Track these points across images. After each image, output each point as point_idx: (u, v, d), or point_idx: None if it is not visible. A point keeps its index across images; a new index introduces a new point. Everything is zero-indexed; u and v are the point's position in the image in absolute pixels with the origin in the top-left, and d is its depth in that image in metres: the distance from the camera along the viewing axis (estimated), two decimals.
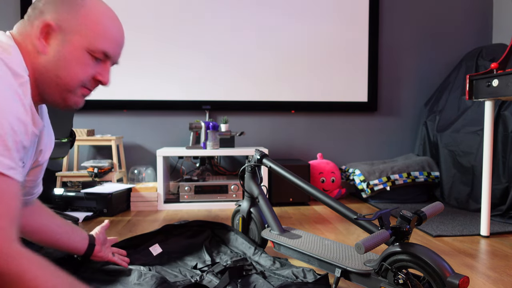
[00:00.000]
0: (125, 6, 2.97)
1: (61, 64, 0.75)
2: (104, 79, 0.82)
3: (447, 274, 0.92)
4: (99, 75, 0.81)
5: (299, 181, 1.41)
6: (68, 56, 0.76)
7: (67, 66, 0.76)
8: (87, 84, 0.81)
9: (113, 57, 0.82)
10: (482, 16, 3.35)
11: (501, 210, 2.28)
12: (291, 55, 3.13)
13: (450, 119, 2.81)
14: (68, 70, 0.76)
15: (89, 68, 0.79)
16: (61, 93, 0.78)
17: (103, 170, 2.71)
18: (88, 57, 0.77)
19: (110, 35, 0.79)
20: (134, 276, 1.26)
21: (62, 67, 0.76)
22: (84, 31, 0.76)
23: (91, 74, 0.80)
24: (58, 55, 0.75)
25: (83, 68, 0.77)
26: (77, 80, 0.78)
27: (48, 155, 0.98)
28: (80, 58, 0.76)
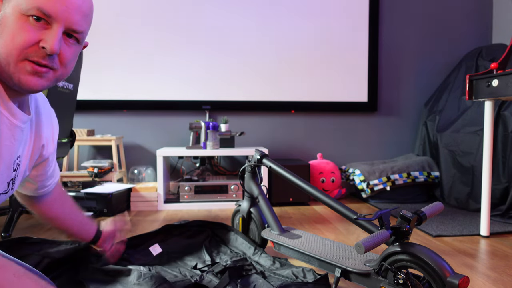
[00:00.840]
0: (125, 6, 2.97)
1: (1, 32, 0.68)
2: (47, 44, 0.68)
3: (447, 274, 0.92)
4: (42, 41, 0.68)
5: (299, 181, 1.41)
6: (5, 22, 0.67)
7: (6, 33, 0.67)
8: (30, 54, 0.69)
9: (57, 17, 0.69)
10: (482, 16, 3.35)
11: (501, 210, 2.28)
12: (291, 55, 3.13)
13: (450, 119, 2.81)
14: (7, 36, 0.67)
15: (26, 33, 0.67)
16: (7, 68, 0.68)
17: (103, 170, 2.71)
18: (24, 20, 0.67)
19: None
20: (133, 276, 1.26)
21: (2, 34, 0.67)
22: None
23: (31, 39, 0.68)
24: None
25: (17, 33, 0.67)
26: (14, 48, 0.67)
27: (52, 148, 0.98)
28: (14, 22, 0.67)
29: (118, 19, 2.96)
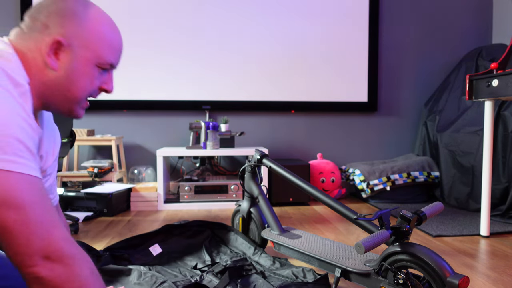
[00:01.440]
0: (125, 7, 2.97)
1: (72, 79, 0.76)
2: (109, 88, 0.83)
3: (447, 274, 0.92)
4: (105, 85, 0.82)
5: (299, 181, 1.41)
6: (79, 71, 0.76)
7: (78, 81, 0.77)
8: (93, 95, 0.82)
9: (116, 65, 0.84)
10: (482, 16, 3.35)
11: (501, 210, 2.28)
12: (291, 55, 3.13)
13: (450, 119, 2.81)
14: (78, 84, 0.77)
15: (96, 80, 0.80)
16: (69, 104, 0.79)
17: (103, 170, 2.71)
18: (96, 70, 0.79)
19: (114, 46, 0.80)
20: (134, 276, 1.26)
21: (73, 81, 0.77)
22: (92, 46, 0.77)
23: (98, 85, 0.81)
24: (69, 70, 0.76)
25: (92, 81, 0.79)
26: (86, 93, 0.79)
27: (51, 160, 0.97)
28: (90, 72, 0.78)
29: (118, 19, 2.96)
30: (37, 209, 0.63)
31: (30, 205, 0.62)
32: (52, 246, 0.63)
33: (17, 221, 0.60)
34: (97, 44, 0.77)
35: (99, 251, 1.45)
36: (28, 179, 0.63)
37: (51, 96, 0.77)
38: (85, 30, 0.76)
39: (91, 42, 0.76)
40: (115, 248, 1.51)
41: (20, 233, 0.60)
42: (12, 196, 0.60)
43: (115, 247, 1.51)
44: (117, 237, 1.91)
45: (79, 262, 0.66)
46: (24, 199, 0.61)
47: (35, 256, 0.61)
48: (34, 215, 0.62)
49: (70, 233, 0.71)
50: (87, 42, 0.76)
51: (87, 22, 0.76)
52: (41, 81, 0.75)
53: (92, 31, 0.76)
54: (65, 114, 0.81)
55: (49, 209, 0.66)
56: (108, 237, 1.91)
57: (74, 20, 0.75)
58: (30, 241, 0.61)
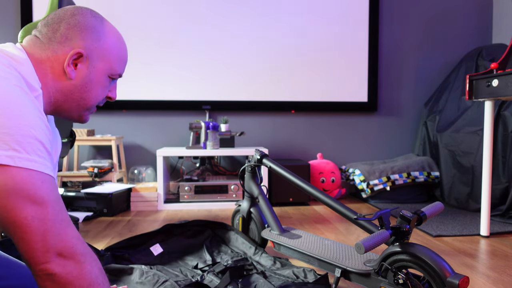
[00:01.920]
0: (125, 6, 2.97)
1: (87, 88, 0.83)
2: (113, 95, 0.91)
3: (447, 274, 0.92)
4: (110, 92, 0.89)
5: (299, 181, 1.41)
6: (94, 81, 0.83)
7: (92, 89, 0.84)
8: (101, 102, 0.89)
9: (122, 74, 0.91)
10: (482, 16, 3.35)
11: (501, 210, 2.28)
12: (291, 55, 3.13)
13: (450, 119, 2.81)
14: (92, 92, 0.84)
15: (107, 89, 0.87)
16: (80, 111, 0.85)
17: (103, 170, 2.71)
18: (107, 80, 0.86)
19: (123, 58, 0.88)
20: (136, 275, 1.26)
21: (88, 90, 0.83)
22: (107, 58, 0.84)
23: (107, 93, 0.88)
24: (85, 80, 0.82)
25: (103, 90, 0.86)
26: (97, 101, 0.86)
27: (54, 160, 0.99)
28: (103, 82, 0.85)
29: (117, 20, 2.96)
30: (55, 207, 0.65)
31: (49, 203, 0.64)
32: (66, 244, 0.65)
33: (36, 217, 0.62)
34: (111, 57, 0.85)
35: (100, 251, 1.45)
36: (48, 178, 0.66)
37: (65, 103, 0.83)
38: (102, 44, 0.83)
39: (106, 55, 0.84)
40: (115, 248, 1.51)
41: (37, 229, 0.62)
42: (34, 193, 0.63)
43: (115, 247, 1.51)
44: (117, 237, 1.91)
45: (90, 260, 0.68)
46: (44, 197, 0.64)
47: (49, 253, 0.63)
48: (52, 213, 0.64)
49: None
50: (103, 55, 0.83)
51: (104, 36, 0.84)
52: (57, 88, 0.80)
53: (107, 45, 0.84)
54: (75, 119, 0.88)
55: (64, 208, 0.69)
56: (108, 237, 1.91)
57: (93, 34, 0.82)
58: (46, 238, 0.63)
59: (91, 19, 0.82)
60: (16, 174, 0.61)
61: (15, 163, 0.61)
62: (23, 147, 0.62)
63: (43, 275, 0.63)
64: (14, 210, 0.61)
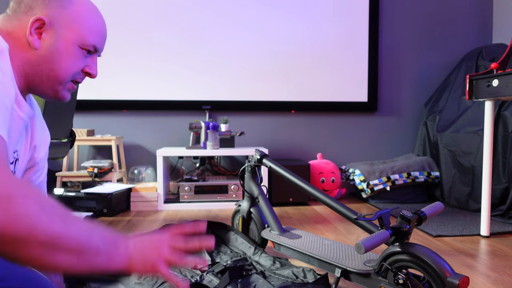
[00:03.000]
0: (125, 6, 2.97)
1: (55, 58, 0.78)
2: (92, 71, 0.85)
3: (447, 274, 0.92)
4: (88, 68, 0.84)
5: (299, 181, 1.41)
6: (61, 50, 0.78)
7: (60, 60, 0.78)
8: (77, 77, 0.83)
9: (100, 50, 0.86)
10: (482, 16, 3.35)
11: (501, 210, 2.28)
12: (291, 55, 3.13)
13: (450, 119, 2.81)
14: (61, 63, 0.79)
15: (80, 62, 0.81)
16: (53, 85, 0.80)
17: (103, 170, 2.71)
18: (79, 51, 0.80)
19: (98, 29, 0.83)
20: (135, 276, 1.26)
21: (56, 60, 0.78)
22: (75, 27, 0.79)
23: (81, 67, 0.82)
24: (51, 49, 0.78)
25: (75, 62, 0.80)
26: (69, 73, 0.80)
27: (43, 152, 0.96)
28: (73, 52, 0.79)
29: (117, 20, 2.96)
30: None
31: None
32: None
33: None
34: (80, 25, 0.79)
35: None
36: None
37: (35, 76, 0.78)
38: (68, 12, 0.78)
39: (74, 23, 0.79)
40: None
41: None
42: None
43: None
44: None
45: (21, 200, 0.55)
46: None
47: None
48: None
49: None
50: (70, 23, 0.78)
51: (71, 4, 0.79)
52: (25, 61, 0.77)
53: (76, 13, 0.79)
54: (50, 95, 0.82)
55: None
56: None
57: (58, 2, 0.78)
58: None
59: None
60: None
61: None
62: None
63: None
64: None
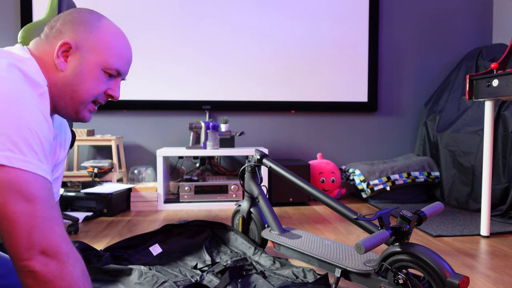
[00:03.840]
0: (125, 6, 2.97)
1: (79, 80, 0.81)
2: (115, 94, 0.88)
3: (447, 274, 0.92)
4: (111, 90, 0.87)
5: (299, 181, 1.41)
6: (85, 73, 0.81)
7: (84, 82, 0.82)
8: (99, 98, 0.86)
9: (124, 74, 0.89)
10: (482, 16, 3.35)
11: (501, 210, 2.28)
12: (291, 55, 3.13)
13: (450, 119, 2.81)
14: (84, 85, 0.82)
15: (103, 84, 0.84)
16: (75, 106, 0.83)
17: (103, 170, 2.71)
18: (102, 74, 0.83)
19: (122, 54, 0.86)
20: (135, 276, 1.26)
21: (80, 82, 0.81)
22: (100, 51, 0.82)
23: (104, 89, 0.85)
24: (75, 71, 0.81)
25: (97, 84, 0.83)
26: (91, 94, 0.83)
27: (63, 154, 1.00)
28: (96, 75, 0.82)
29: (117, 20, 2.96)
30: (44, 205, 0.66)
31: (39, 200, 0.65)
32: (50, 243, 0.65)
33: (24, 213, 0.64)
34: (105, 50, 0.83)
35: (99, 251, 1.45)
36: (42, 180, 0.67)
37: (59, 97, 0.82)
38: (94, 36, 0.82)
39: (99, 47, 0.82)
40: (115, 248, 1.51)
41: (24, 225, 0.63)
42: (26, 189, 0.64)
43: (115, 247, 1.51)
44: (117, 237, 1.91)
45: (73, 262, 0.68)
46: (35, 194, 0.65)
47: (33, 250, 0.64)
48: (41, 211, 0.65)
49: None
50: (95, 47, 0.82)
51: (97, 29, 0.83)
52: (52, 82, 0.80)
53: (101, 38, 0.82)
54: (72, 116, 0.85)
55: (54, 208, 0.69)
56: (108, 237, 1.91)
57: (86, 27, 0.82)
58: (31, 235, 0.64)
59: (86, 15, 0.83)
60: (11, 172, 0.63)
61: (10, 163, 0.63)
62: (18, 148, 0.64)
63: (25, 271, 0.64)
64: (4, 205, 0.63)
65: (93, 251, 1.42)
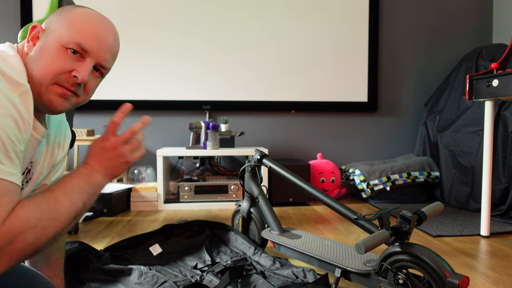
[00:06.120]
0: (124, 7, 2.97)
1: (36, 58, 0.76)
2: (79, 74, 0.77)
3: (447, 274, 0.92)
4: (75, 71, 0.77)
5: (299, 181, 1.41)
6: (43, 49, 0.76)
7: (41, 59, 0.76)
8: (62, 80, 0.77)
9: (91, 52, 0.79)
10: (482, 16, 3.35)
11: (501, 210, 2.28)
12: (291, 55, 3.13)
13: (450, 119, 2.81)
14: (41, 62, 0.76)
15: (63, 62, 0.76)
16: (36, 89, 0.76)
17: None
18: (62, 50, 0.76)
19: (88, 30, 0.78)
20: (135, 276, 1.26)
21: (37, 60, 0.76)
22: (61, 28, 0.77)
23: (66, 68, 0.76)
24: (36, 50, 0.77)
25: (55, 60, 0.76)
26: (49, 73, 0.75)
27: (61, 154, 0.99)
28: (55, 50, 0.76)
29: (117, 20, 2.96)
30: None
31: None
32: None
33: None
34: (67, 25, 0.77)
35: (99, 251, 1.45)
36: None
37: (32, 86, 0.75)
38: (61, 17, 0.79)
39: (62, 25, 0.77)
40: (115, 248, 1.51)
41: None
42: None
43: (115, 247, 1.51)
44: (117, 237, 1.91)
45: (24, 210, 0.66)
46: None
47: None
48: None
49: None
50: (59, 25, 0.78)
51: (68, 12, 0.80)
52: (29, 74, 0.76)
53: (67, 17, 0.79)
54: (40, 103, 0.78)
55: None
56: (108, 237, 1.91)
57: (59, 12, 0.80)
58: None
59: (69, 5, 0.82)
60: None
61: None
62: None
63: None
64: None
65: (93, 251, 1.42)
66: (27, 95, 0.71)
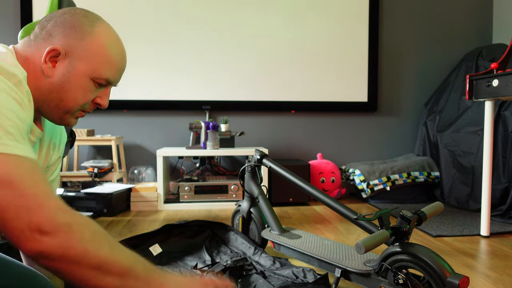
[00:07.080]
0: (125, 7, 2.97)
1: (65, 88, 0.78)
2: (103, 102, 0.85)
3: (447, 274, 0.92)
4: (99, 99, 0.84)
5: (299, 181, 1.41)
6: (72, 81, 0.78)
7: (70, 91, 0.79)
8: (86, 107, 0.84)
9: (114, 82, 0.85)
10: (482, 16, 3.35)
11: (501, 210, 2.28)
12: (291, 55, 3.13)
13: (450, 119, 2.81)
14: (70, 94, 0.79)
15: (90, 93, 0.81)
16: (60, 113, 0.81)
17: (103, 170, 2.71)
18: (91, 84, 0.80)
19: (114, 63, 0.82)
20: None
21: (66, 91, 0.79)
22: (89, 59, 0.79)
23: (91, 98, 0.82)
24: (63, 79, 0.78)
25: (85, 94, 0.80)
26: (78, 104, 0.81)
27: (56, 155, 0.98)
28: (84, 84, 0.79)
29: (117, 19, 2.96)
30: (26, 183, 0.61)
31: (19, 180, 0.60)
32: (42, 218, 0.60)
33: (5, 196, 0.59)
34: (95, 58, 0.79)
35: None
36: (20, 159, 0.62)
37: (43, 102, 0.79)
38: (85, 44, 0.78)
39: (89, 56, 0.78)
40: None
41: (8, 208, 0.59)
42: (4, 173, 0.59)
43: None
44: (117, 237, 1.91)
45: (77, 228, 0.63)
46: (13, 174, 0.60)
47: (26, 230, 0.59)
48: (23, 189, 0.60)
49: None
50: (85, 55, 0.78)
51: (89, 36, 0.79)
52: (36, 87, 0.77)
53: (92, 45, 0.79)
54: (56, 121, 0.83)
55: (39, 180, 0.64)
56: None
57: (78, 32, 0.78)
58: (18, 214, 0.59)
59: (80, 18, 0.79)
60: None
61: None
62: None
63: (32, 255, 0.60)
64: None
65: None
66: (22, 85, 0.71)
